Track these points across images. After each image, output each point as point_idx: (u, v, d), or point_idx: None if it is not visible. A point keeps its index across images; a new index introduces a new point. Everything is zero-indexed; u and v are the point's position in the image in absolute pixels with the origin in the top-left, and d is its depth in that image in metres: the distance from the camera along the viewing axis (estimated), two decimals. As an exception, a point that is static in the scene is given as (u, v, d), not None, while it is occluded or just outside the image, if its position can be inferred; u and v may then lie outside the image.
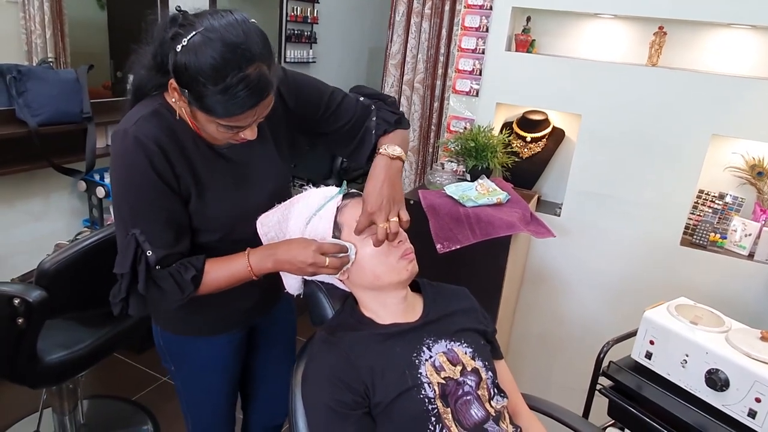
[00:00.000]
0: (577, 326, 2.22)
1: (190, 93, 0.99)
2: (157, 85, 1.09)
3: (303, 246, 1.10)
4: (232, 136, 1.07)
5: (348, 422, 1.04)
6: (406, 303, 1.18)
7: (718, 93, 1.86)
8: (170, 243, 1.10)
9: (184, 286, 1.10)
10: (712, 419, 1.29)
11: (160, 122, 1.08)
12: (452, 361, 1.13)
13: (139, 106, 1.10)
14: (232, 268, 1.14)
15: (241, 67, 0.96)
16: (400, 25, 2.48)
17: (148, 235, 1.07)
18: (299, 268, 1.11)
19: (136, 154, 1.04)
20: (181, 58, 0.96)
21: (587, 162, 2.09)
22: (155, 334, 1.34)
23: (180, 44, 0.96)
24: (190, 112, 1.05)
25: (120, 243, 1.09)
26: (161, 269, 1.09)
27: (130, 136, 1.04)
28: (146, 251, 1.07)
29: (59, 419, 1.94)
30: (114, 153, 1.08)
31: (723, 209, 2.01)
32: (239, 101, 0.98)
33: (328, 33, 4.37)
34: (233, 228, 1.19)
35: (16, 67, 2.28)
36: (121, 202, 1.08)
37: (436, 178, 2.12)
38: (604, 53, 2.17)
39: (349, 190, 1.20)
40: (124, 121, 1.08)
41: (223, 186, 1.15)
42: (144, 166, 1.05)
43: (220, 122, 1.02)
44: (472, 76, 2.22)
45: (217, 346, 1.33)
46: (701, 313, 1.43)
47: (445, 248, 1.81)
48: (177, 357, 1.34)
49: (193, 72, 0.96)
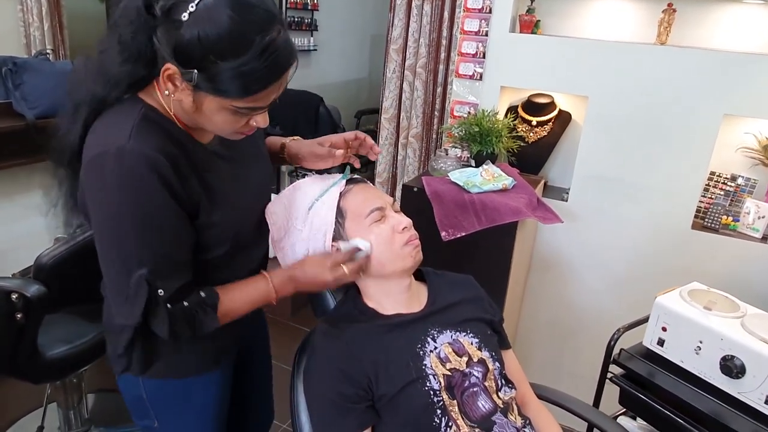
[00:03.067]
0: (586, 313, 2.19)
1: (201, 74, 0.83)
2: (128, 86, 0.90)
3: (318, 265, 1.05)
4: (242, 125, 0.93)
5: (351, 416, 1.01)
6: (410, 292, 1.16)
7: (730, 71, 1.80)
8: (182, 273, 0.95)
9: (201, 328, 0.97)
10: (727, 407, 1.25)
11: (157, 128, 0.91)
12: (458, 352, 1.09)
13: (112, 117, 0.91)
14: (251, 296, 1.04)
15: (264, 29, 0.82)
16: (401, 9, 2.43)
17: (159, 272, 0.90)
18: (322, 286, 1.07)
19: (142, 173, 0.86)
20: (188, 31, 0.80)
21: (595, 145, 2.04)
22: (130, 388, 1.10)
23: (184, 14, 0.80)
24: (192, 103, 0.88)
25: (119, 289, 0.91)
26: (173, 307, 0.93)
27: (129, 154, 0.85)
28: (158, 290, 0.90)
29: (64, 414, 1.94)
30: (105, 180, 0.86)
31: (735, 191, 1.96)
32: (265, 73, 0.84)
33: (329, 20, 4.31)
34: (239, 234, 1.07)
35: (12, 60, 2.26)
36: (121, 240, 0.89)
37: (440, 165, 2.08)
38: (611, 33, 2.12)
39: (352, 175, 1.17)
40: (105, 139, 0.88)
41: (228, 189, 1.02)
42: (153, 185, 0.87)
43: (238, 105, 0.88)
44: (476, 59, 2.17)
45: (212, 386, 1.17)
46: (715, 298, 1.39)
47: (450, 236, 1.78)
48: (165, 407, 1.12)
49: (209, 44, 0.80)
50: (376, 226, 1.09)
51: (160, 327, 0.93)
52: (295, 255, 1.15)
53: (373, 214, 1.09)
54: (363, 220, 1.09)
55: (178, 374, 1.10)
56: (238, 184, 1.04)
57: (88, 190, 0.90)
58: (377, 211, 1.09)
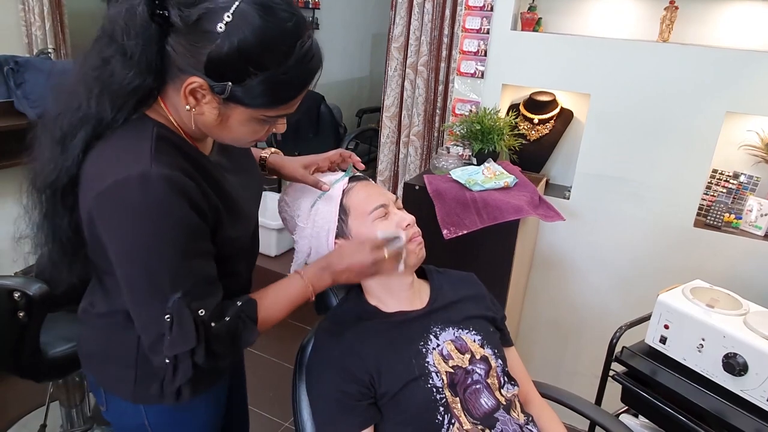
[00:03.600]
0: (589, 311, 2.19)
1: (236, 87, 0.78)
2: (136, 102, 0.83)
3: (356, 249, 1.02)
4: (263, 134, 0.90)
5: (354, 413, 1.01)
6: (413, 289, 1.16)
7: (733, 68, 1.80)
8: (217, 289, 0.89)
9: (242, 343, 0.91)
10: (730, 405, 1.25)
11: (172, 147, 0.85)
12: (460, 350, 1.10)
13: (123, 139, 0.83)
14: (288, 297, 0.98)
15: (300, 35, 0.79)
16: (403, 7, 2.42)
17: (195, 294, 0.84)
18: (359, 271, 1.02)
19: (171, 198, 0.80)
20: (226, 42, 0.75)
21: (597, 143, 2.03)
22: (129, 417, 1.03)
23: (219, 25, 0.75)
24: (218, 116, 0.83)
25: (152, 321, 0.83)
26: (217, 324, 0.86)
27: (156, 179, 0.79)
28: (199, 311, 0.84)
29: (66, 412, 1.94)
30: (129, 210, 0.80)
31: (737, 189, 1.95)
32: (301, 80, 0.82)
33: (330, 19, 4.31)
34: (251, 245, 1.05)
35: (14, 58, 2.26)
36: (152, 270, 0.82)
37: (442, 163, 2.08)
38: (613, 30, 2.11)
39: (355, 173, 1.17)
40: (121, 165, 0.80)
41: (239, 199, 0.98)
42: (182, 209, 0.81)
43: (270, 114, 0.84)
44: (477, 57, 2.16)
45: (215, 402, 1.12)
46: (718, 296, 1.39)
47: (452, 234, 1.78)
48: (167, 430, 1.06)
49: (250, 55, 0.76)
50: (379, 222, 1.09)
51: (200, 351, 0.85)
52: (300, 252, 1.15)
53: (377, 211, 1.09)
54: (366, 217, 1.09)
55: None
56: (244, 193, 1.02)
57: (105, 221, 0.82)
58: (381, 208, 1.09)
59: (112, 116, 0.82)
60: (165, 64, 0.81)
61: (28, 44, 2.80)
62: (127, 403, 1.01)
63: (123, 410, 1.03)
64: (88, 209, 0.84)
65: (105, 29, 0.81)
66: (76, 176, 0.86)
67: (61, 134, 0.84)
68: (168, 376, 0.85)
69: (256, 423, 1.45)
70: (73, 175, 0.85)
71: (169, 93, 0.85)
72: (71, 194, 0.87)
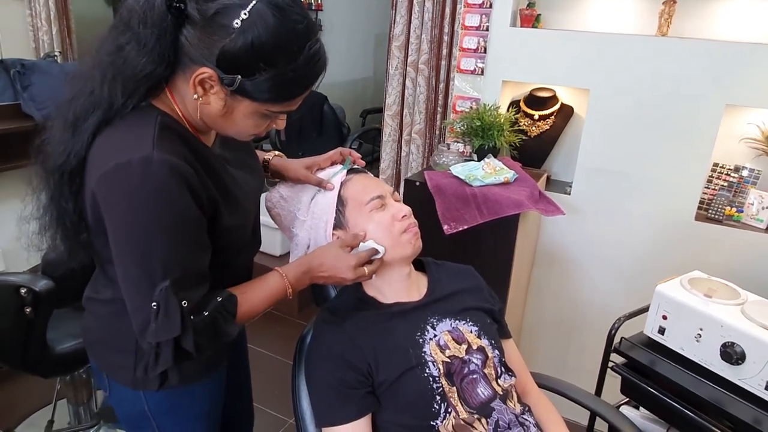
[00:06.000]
0: (591, 306, 2.19)
1: (245, 80, 0.82)
2: (147, 90, 0.86)
3: (341, 262, 1.03)
4: (263, 128, 0.94)
5: (351, 401, 1.03)
6: (410, 280, 1.17)
7: (732, 61, 1.80)
8: (203, 283, 0.90)
9: (223, 337, 0.93)
10: (728, 393, 1.25)
11: (176, 135, 0.88)
12: (457, 340, 1.11)
13: (128, 125, 0.86)
14: (267, 294, 1.00)
15: (310, 36, 0.83)
16: (403, 6, 2.44)
17: (182, 284, 0.86)
18: (338, 283, 1.06)
19: (170, 183, 0.82)
20: (241, 38, 0.79)
21: (597, 138, 2.04)
22: (130, 404, 1.05)
23: (236, 21, 0.78)
24: (223, 107, 0.86)
25: (141, 305, 0.85)
26: (195, 318, 0.87)
27: (157, 164, 0.81)
28: (182, 302, 0.85)
29: (74, 409, 1.96)
30: (129, 192, 0.82)
31: (739, 182, 1.95)
32: (308, 79, 0.86)
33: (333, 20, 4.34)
34: (251, 238, 1.08)
35: (20, 62, 2.30)
36: (145, 253, 0.84)
37: (442, 159, 2.09)
38: (612, 25, 2.12)
39: (353, 165, 1.19)
40: (124, 149, 0.82)
41: (239, 192, 1.00)
42: (181, 196, 0.84)
43: (273, 110, 0.88)
44: (477, 54, 2.17)
45: (214, 390, 1.15)
46: (715, 286, 1.39)
47: (453, 229, 1.79)
48: (168, 417, 1.08)
49: (263, 51, 0.80)
50: (376, 213, 1.10)
51: (188, 340, 0.87)
52: (299, 245, 1.17)
53: (373, 202, 1.11)
54: (363, 208, 1.10)
55: (183, 382, 1.04)
56: (244, 187, 1.03)
57: (105, 202, 0.84)
58: (377, 199, 1.11)
59: (122, 102, 0.85)
60: (177, 54, 0.83)
61: (35, 48, 2.84)
62: (127, 389, 1.03)
63: (124, 396, 1.06)
64: (92, 191, 0.86)
65: (122, 17, 0.83)
66: (83, 160, 0.88)
67: (73, 117, 0.87)
68: (150, 361, 0.88)
69: (260, 419, 1.47)
70: (82, 158, 0.87)
71: (177, 83, 0.88)
72: (78, 177, 0.89)
